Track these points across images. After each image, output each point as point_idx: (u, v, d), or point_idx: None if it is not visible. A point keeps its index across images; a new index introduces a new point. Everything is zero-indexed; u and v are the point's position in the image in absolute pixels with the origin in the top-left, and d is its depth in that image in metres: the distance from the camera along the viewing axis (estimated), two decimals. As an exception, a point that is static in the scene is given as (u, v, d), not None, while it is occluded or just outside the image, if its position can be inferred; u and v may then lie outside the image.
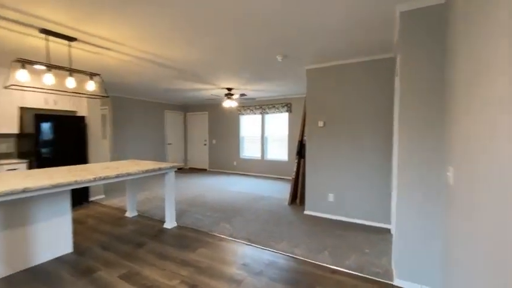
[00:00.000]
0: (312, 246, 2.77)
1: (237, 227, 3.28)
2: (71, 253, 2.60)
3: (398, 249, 2.09)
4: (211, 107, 8.11)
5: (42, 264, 2.38)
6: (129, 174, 2.64)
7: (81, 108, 4.60)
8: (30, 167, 3.85)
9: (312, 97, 3.80)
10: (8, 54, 3.12)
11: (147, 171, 2.85)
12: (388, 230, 3.20)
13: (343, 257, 2.54)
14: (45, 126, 3.92)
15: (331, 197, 3.67)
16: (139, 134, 7.08)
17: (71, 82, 2.63)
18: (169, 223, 3.27)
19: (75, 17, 2.17)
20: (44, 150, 3.90)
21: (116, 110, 6.48)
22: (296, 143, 5.51)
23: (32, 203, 2.34)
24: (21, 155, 4.10)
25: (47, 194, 2.42)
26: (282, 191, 5.39)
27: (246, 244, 2.81)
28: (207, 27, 2.39)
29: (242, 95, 5.20)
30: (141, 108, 7.14)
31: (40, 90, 2.65)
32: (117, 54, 3.15)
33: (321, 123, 3.73)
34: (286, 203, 4.47)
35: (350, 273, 2.25)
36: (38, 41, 2.70)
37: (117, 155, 6.47)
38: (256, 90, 5.75)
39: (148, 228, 3.24)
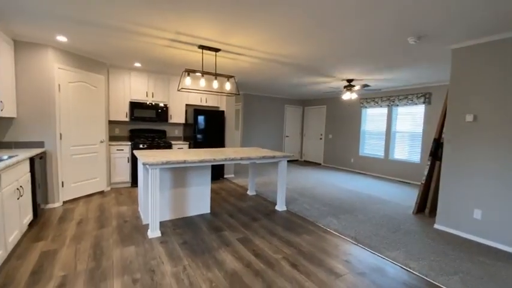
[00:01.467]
0: (437, 265, 2.30)
1: (344, 224, 3.19)
2: (209, 213, 3.43)
3: None
4: (329, 100, 7.95)
5: (191, 216, 3.31)
6: (249, 158, 3.15)
7: (222, 104, 5.79)
8: (189, 147, 5.31)
9: (459, 84, 3.02)
10: (179, 66, 4.41)
11: (263, 157, 3.28)
12: None
13: (483, 290, 1.96)
14: (200, 118, 5.23)
15: (477, 214, 2.84)
16: (262, 126, 8.02)
17: (215, 84, 3.41)
18: (280, 206, 3.62)
19: (220, 32, 2.79)
20: (198, 135, 5.24)
21: (246, 105, 7.64)
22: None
23: (188, 172, 3.27)
24: (185, 138, 5.71)
25: (197, 167, 3.31)
26: (406, 197, 4.64)
27: (352, 243, 2.70)
28: (328, 20, 2.43)
29: (365, 86, 4.81)
30: (265, 104, 8.03)
31: (197, 91, 3.63)
32: (248, 58, 3.75)
33: (469, 118, 2.92)
34: (411, 211, 3.83)
35: (490, 312, 1.73)
36: (196, 55, 3.66)
37: (244, 143, 7.67)
38: (381, 79, 5.14)
39: (263, 207, 3.73)
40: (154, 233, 2.68)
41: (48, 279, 1.91)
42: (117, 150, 4.54)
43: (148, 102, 4.94)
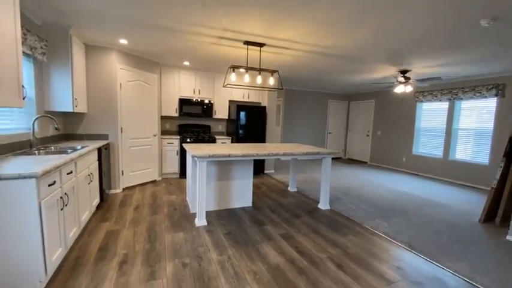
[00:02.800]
0: (511, 283, 1.97)
1: (395, 228, 2.95)
2: (250, 207, 3.49)
3: None
4: (378, 94, 7.38)
5: (234, 208, 3.41)
6: (292, 154, 3.11)
7: (263, 100, 5.81)
8: (232, 141, 5.46)
9: (546, 72, 2.51)
10: (223, 63, 4.53)
11: (307, 153, 3.20)
12: None
13: None
14: (242, 113, 5.33)
15: None
16: (303, 122, 7.84)
17: (259, 79, 3.43)
18: (323, 204, 3.51)
19: (265, 26, 2.78)
20: (240, 130, 5.36)
21: (287, 101, 7.54)
22: (506, 141, 3.90)
23: (232, 166, 3.36)
24: (227, 133, 5.88)
25: (240, 161, 3.39)
26: (470, 202, 4.08)
27: (405, 248, 2.48)
28: (383, 5, 2.24)
29: (424, 80, 4.33)
30: (307, 99, 7.81)
31: (241, 87, 3.71)
32: (292, 51, 3.67)
33: (561, 112, 2.42)
34: (477, 219, 3.36)
35: None
36: (240, 51, 3.72)
37: (285, 139, 7.60)
38: (443, 70, 4.57)
39: (304, 204, 3.65)
40: (201, 221, 2.83)
41: (113, 256, 2.16)
42: (168, 143, 4.90)
43: (195, 99, 5.21)
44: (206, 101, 5.30)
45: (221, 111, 5.53)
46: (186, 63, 4.67)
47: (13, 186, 1.52)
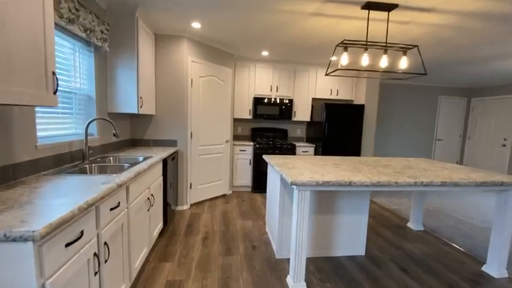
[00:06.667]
0: None
1: None
2: (363, 256, 2.31)
3: None
4: (528, 87, 5.09)
5: (338, 257, 2.29)
6: (456, 184, 1.79)
7: (358, 96, 4.50)
8: (315, 150, 4.34)
9: None
10: (316, 48, 3.43)
11: (482, 184, 1.83)
12: None
13: None
14: (331, 114, 4.15)
15: None
16: (401, 125, 6.07)
17: (384, 60, 2.22)
18: (496, 269, 2.05)
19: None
20: (327, 137, 4.19)
21: (381, 97, 5.94)
22: None
23: (338, 195, 2.26)
24: (307, 139, 4.79)
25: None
26: None
27: None
28: None
29: None
30: (408, 95, 6.02)
31: (356, 71, 2.60)
32: (436, 17, 2.32)
33: None
34: None
35: None
36: (351, 23, 2.57)
37: (376, 148, 6.02)
38: None
39: (454, 262, 2.25)
40: (298, 284, 1.81)
41: None
42: (240, 150, 4.11)
43: (271, 98, 4.30)
44: (285, 100, 4.33)
45: (302, 112, 4.48)
46: (265, 53, 3.79)
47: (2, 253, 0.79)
